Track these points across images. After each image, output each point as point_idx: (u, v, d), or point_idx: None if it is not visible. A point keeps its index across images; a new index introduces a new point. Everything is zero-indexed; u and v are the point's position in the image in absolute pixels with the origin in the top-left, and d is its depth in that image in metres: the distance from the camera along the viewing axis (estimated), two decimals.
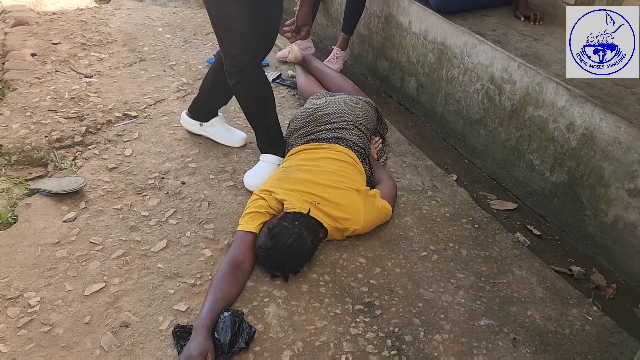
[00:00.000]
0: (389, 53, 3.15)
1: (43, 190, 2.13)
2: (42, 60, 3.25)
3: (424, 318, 1.72)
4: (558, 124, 2.17)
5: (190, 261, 1.88)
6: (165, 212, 2.11)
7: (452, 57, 2.65)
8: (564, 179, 2.19)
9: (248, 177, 2.26)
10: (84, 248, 1.91)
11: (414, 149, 2.62)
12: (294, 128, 2.32)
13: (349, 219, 1.91)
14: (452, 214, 2.19)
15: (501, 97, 2.41)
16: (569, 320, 1.75)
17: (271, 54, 3.47)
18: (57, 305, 1.68)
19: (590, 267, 2.09)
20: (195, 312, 1.69)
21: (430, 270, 1.91)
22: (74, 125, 2.59)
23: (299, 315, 1.69)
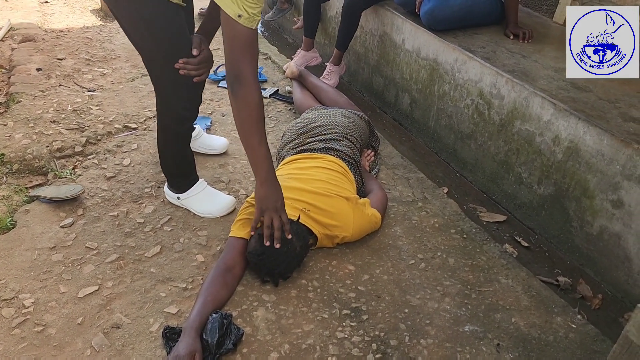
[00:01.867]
0: (384, 70, 3.23)
1: (42, 197, 2.19)
2: (47, 75, 3.34)
3: (410, 323, 1.75)
4: (544, 137, 2.22)
5: (182, 266, 1.93)
6: (161, 219, 2.16)
7: (444, 73, 2.73)
8: (551, 191, 2.24)
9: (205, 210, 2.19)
10: (79, 252, 1.96)
11: (406, 162, 2.68)
12: (286, 140, 2.38)
13: (338, 226, 1.95)
14: (442, 225, 2.24)
15: (490, 111, 2.47)
16: (553, 328, 1.78)
17: (269, 70, 3.57)
18: (50, 307, 1.73)
19: (577, 278, 2.12)
20: (185, 314, 1.73)
21: (418, 277, 1.94)
22: (75, 136, 2.66)
23: (287, 319, 1.73)
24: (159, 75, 1.90)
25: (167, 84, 1.90)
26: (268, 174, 1.76)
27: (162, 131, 2.07)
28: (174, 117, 1.99)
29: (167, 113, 1.99)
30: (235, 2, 1.51)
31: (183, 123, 2.03)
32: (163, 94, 1.95)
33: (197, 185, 2.20)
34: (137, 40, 1.86)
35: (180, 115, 1.99)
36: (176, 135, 2.07)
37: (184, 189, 2.19)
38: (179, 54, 1.81)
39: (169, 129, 2.04)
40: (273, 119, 2.98)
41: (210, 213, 2.19)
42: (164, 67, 1.84)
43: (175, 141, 2.09)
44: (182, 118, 2.00)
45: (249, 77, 1.62)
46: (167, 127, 2.03)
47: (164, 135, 2.08)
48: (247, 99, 1.64)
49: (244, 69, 1.61)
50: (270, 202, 1.77)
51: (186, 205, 2.21)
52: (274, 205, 1.77)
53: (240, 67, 1.60)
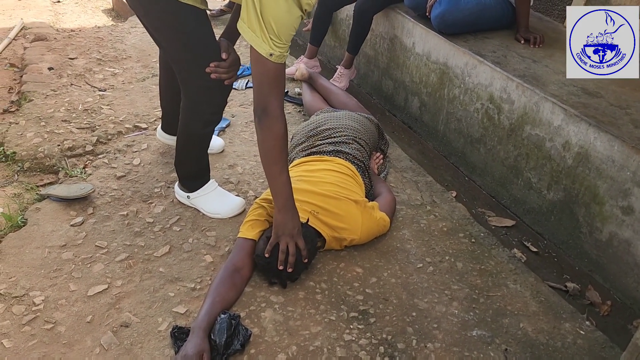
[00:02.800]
0: (394, 73, 3.23)
1: (53, 195, 2.20)
2: (59, 74, 3.37)
3: (417, 327, 1.75)
4: (554, 143, 2.22)
5: (191, 266, 1.94)
6: (170, 219, 2.17)
7: (454, 77, 2.72)
8: (561, 197, 2.23)
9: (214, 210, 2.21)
10: (89, 251, 1.97)
11: (415, 166, 2.68)
12: (296, 142, 2.39)
13: (347, 229, 1.96)
14: (450, 229, 2.24)
15: (500, 116, 2.47)
16: (561, 334, 1.77)
17: None
18: (60, 305, 1.74)
19: (586, 284, 2.11)
20: (193, 314, 1.74)
21: (426, 281, 1.94)
22: (86, 135, 2.68)
23: (295, 321, 1.73)
24: (190, 80, 1.92)
25: (198, 89, 1.92)
26: (287, 202, 1.80)
27: (186, 135, 2.08)
28: (201, 122, 2.01)
29: (195, 118, 2.00)
30: (267, 42, 1.57)
31: (209, 126, 2.06)
32: (193, 99, 1.96)
33: (207, 185, 2.22)
34: (168, 48, 1.90)
35: (208, 120, 2.02)
36: (200, 138, 2.09)
37: (195, 188, 2.20)
38: (210, 59, 1.85)
39: (195, 134, 2.06)
40: None
41: (219, 213, 2.20)
42: (196, 72, 1.86)
43: (199, 145, 2.12)
44: (209, 122, 2.03)
45: (276, 110, 1.69)
46: (193, 132, 2.05)
47: (188, 139, 2.09)
48: (273, 130, 1.71)
49: (271, 102, 1.68)
50: (287, 229, 1.80)
51: (195, 205, 2.22)
52: (291, 232, 1.80)
53: (268, 100, 1.67)
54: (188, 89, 1.95)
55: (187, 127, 2.05)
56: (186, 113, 2.00)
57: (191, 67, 1.87)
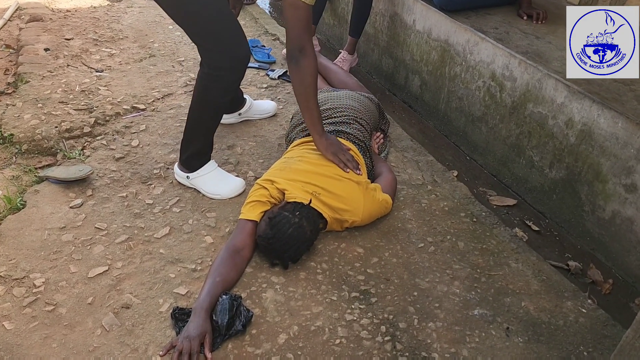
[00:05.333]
0: (394, 51, 3.19)
1: (51, 177, 2.19)
2: (55, 55, 3.32)
3: (419, 306, 1.75)
4: (557, 120, 2.19)
5: (191, 247, 1.93)
6: (169, 200, 2.16)
7: (455, 55, 2.68)
8: (563, 175, 2.21)
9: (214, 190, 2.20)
10: (89, 233, 1.96)
11: (416, 145, 2.65)
12: (295, 123, 2.36)
13: (349, 211, 1.94)
14: (451, 208, 2.22)
15: (502, 94, 2.44)
16: (563, 312, 1.77)
17: (277, 51, 3.53)
18: (61, 286, 1.74)
19: (588, 262, 2.11)
20: (194, 295, 1.73)
21: (427, 261, 1.94)
22: (84, 117, 2.66)
23: (296, 301, 1.73)
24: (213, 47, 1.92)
25: (220, 55, 1.92)
26: (324, 129, 2.07)
27: (204, 105, 2.06)
28: (222, 90, 2.01)
29: (218, 85, 1.99)
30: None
31: (228, 95, 2.07)
32: (215, 66, 1.94)
33: (207, 165, 2.20)
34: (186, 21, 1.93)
35: (228, 88, 2.03)
36: (218, 108, 2.11)
37: (195, 167, 2.18)
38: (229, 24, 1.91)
39: (214, 102, 2.05)
40: (282, 101, 2.96)
41: (219, 194, 2.18)
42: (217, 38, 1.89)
43: (215, 116, 2.12)
44: (229, 90, 2.05)
45: (311, 49, 1.91)
46: (213, 100, 2.04)
47: (205, 110, 2.07)
48: (312, 66, 1.93)
49: (306, 42, 1.89)
50: (334, 146, 2.04)
51: (195, 185, 2.20)
52: (339, 146, 2.06)
53: (304, 41, 1.88)
54: (210, 56, 1.94)
55: (206, 97, 2.03)
56: (206, 82, 1.98)
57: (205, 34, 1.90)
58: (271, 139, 2.61)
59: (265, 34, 3.88)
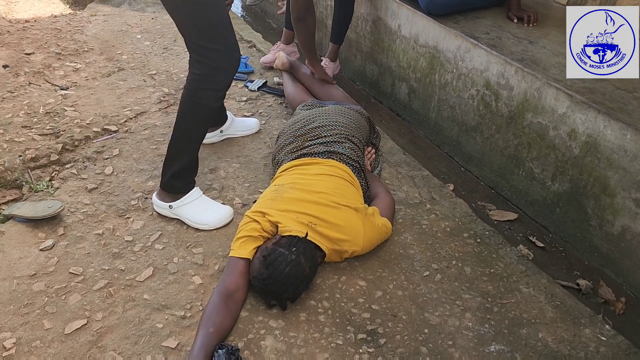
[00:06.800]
0: (378, 57, 3.05)
1: (17, 216, 1.98)
2: (15, 72, 3.09)
3: (431, 346, 1.62)
4: (559, 131, 2.09)
5: (178, 290, 1.76)
6: (151, 235, 1.98)
7: (445, 62, 2.56)
8: (567, 188, 2.11)
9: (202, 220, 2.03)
10: (63, 280, 1.77)
11: (409, 159, 2.52)
12: (283, 143, 2.19)
13: (348, 241, 1.80)
14: (453, 228, 2.10)
15: (498, 103, 2.32)
16: (583, 342, 1.67)
17: (255, 60, 3.36)
18: (35, 347, 1.55)
19: (597, 280, 2.01)
20: (186, 348, 1.56)
21: (434, 291, 1.81)
22: (50, 143, 2.45)
23: (298, 348, 1.58)
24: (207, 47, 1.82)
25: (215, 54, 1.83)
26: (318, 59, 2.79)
27: (193, 111, 1.92)
28: (214, 92, 1.91)
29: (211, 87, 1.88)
30: None
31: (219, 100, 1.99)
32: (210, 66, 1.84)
33: (192, 192, 2.03)
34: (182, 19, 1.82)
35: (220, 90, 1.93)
36: (210, 113, 1.97)
37: (179, 191, 2.00)
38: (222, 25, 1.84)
39: (206, 107, 1.92)
40: (264, 115, 2.79)
41: (207, 224, 2.01)
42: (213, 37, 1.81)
43: (205, 123, 1.99)
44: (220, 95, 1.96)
45: (312, 7, 2.60)
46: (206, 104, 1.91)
47: (195, 117, 1.93)
48: (314, 20, 2.64)
49: (310, 3, 2.57)
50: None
51: (179, 215, 2.02)
52: None
53: (308, 2, 2.55)
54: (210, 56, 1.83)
55: (198, 101, 1.90)
56: (199, 84, 1.87)
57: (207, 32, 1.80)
58: (256, 158, 2.44)
59: (240, 41, 3.69)
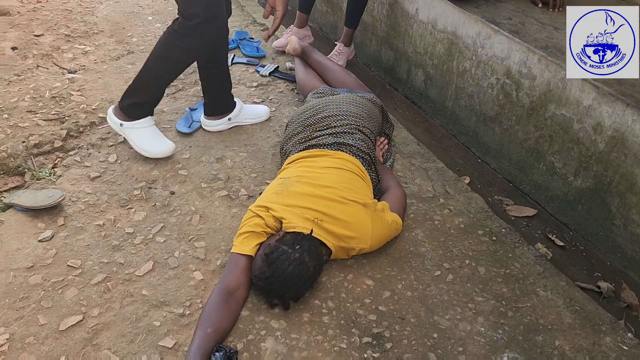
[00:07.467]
0: (394, 42, 2.93)
1: (17, 205, 1.94)
2: (23, 55, 3.04)
3: (440, 352, 1.53)
4: (584, 125, 1.96)
5: (178, 286, 1.70)
6: (152, 227, 1.91)
7: (464, 49, 2.43)
8: (590, 185, 1.99)
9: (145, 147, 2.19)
10: (60, 272, 1.72)
11: (423, 150, 2.41)
12: (291, 133, 2.10)
13: (356, 238, 1.71)
14: (467, 225, 2.00)
15: (519, 93, 2.20)
16: (603, 351, 1.57)
17: (267, 44, 3.26)
18: (28, 344, 1.50)
19: (619, 282, 1.90)
20: (183, 348, 1.50)
21: (445, 293, 1.72)
22: (54, 129, 2.39)
23: (300, 351, 1.51)
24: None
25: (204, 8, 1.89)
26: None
27: (166, 57, 2.03)
28: (189, 47, 1.99)
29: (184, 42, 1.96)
30: None
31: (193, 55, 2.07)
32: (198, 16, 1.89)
33: (146, 119, 2.18)
34: None
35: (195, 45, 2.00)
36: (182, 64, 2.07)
37: (134, 116, 2.15)
38: None
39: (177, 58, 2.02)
40: (274, 102, 2.70)
41: (147, 151, 2.18)
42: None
43: (176, 69, 2.10)
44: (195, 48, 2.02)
45: None
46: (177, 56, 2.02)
47: (168, 61, 2.04)
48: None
49: None
50: None
51: (126, 135, 2.20)
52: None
53: None
54: (186, 18, 1.90)
55: (170, 54, 2.01)
56: (174, 42, 1.97)
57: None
58: (264, 148, 2.36)
59: (253, 24, 3.59)
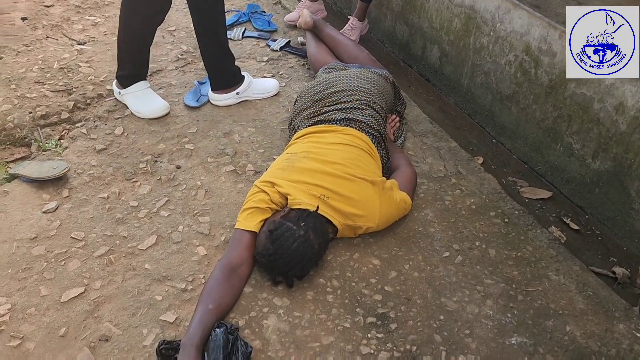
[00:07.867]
0: (410, 17, 2.84)
1: (22, 175, 1.92)
2: (33, 25, 3.01)
3: (446, 334, 1.49)
4: (604, 104, 1.88)
5: (181, 261, 1.67)
6: (157, 201, 1.89)
7: (482, 24, 2.34)
8: (609, 167, 1.92)
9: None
10: (64, 244, 1.71)
11: (436, 128, 2.35)
12: (300, 108, 2.05)
13: (363, 216, 1.67)
14: (479, 206, 1.94)
15: (537, 70, 2.11)
16: (615, 338, 1.51)
17: (279, 18, 3.19)
18: (29, 314, 1.49)
19: (636, 268, 1.84)
20: (184, 323, 1.49)
21: (454, 274, 1.67)
22: (62, 100, 2.36)
23: (303, 330, 1.48)
24: None
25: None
26: None
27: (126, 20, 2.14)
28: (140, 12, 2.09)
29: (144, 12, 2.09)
30: None
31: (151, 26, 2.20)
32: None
33: (139, 83, 2.30)
34: None
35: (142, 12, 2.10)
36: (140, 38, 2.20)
37: (126, 84, 2.29)
38: None
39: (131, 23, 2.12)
40: (285, 77, 2.64)
41: (140, 112, 2.28)
42: None
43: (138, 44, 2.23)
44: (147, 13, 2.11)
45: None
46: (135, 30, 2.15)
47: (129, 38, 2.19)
48: None
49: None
50: None
51: (124, 101, 2.33)
52: None
53: None
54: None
55: (124, 19, 2.12)
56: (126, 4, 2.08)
57: None
58: (273, 123, 2.31)
59: None
